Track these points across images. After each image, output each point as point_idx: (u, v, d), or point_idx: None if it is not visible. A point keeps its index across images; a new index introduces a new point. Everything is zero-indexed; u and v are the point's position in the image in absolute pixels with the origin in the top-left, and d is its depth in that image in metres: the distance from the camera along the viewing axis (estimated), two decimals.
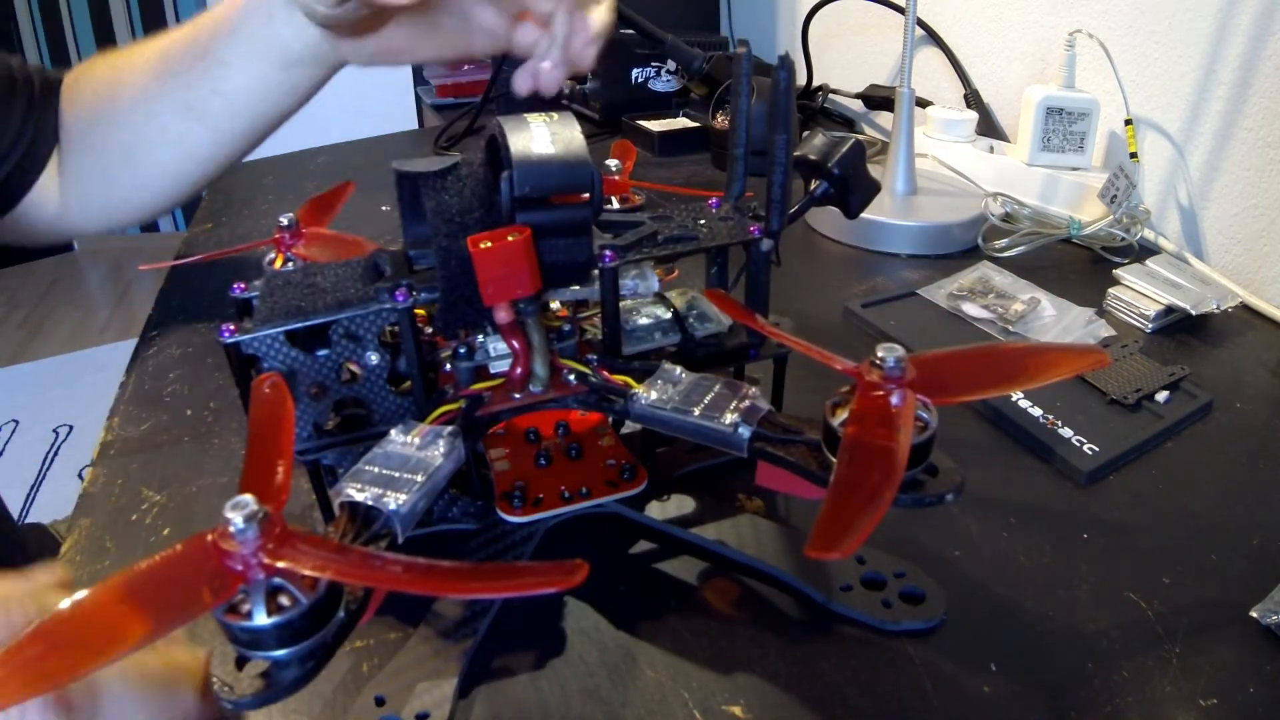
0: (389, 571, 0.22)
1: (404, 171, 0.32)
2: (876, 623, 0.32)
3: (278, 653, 0.22)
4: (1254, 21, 0.58)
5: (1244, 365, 0.51)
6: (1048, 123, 0.69)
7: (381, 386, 0.33)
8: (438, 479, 0.29)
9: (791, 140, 0.35)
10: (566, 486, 0.35)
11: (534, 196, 0.30)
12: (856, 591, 0.33)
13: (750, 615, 0.34)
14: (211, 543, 0.21)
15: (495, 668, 0.31)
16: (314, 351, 0.32)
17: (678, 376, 0.32)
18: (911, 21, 0.64)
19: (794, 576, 0.34)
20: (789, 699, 0.30)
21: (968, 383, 0.27)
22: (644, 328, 0.37)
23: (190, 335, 0.55)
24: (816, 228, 0.70)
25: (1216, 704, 0.30)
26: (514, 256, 0.30)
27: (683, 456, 0.40)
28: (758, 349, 0.38)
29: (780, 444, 0.29)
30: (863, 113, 0.99)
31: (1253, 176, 0.60)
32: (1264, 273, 0.59)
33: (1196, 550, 0.36)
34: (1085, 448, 0.42)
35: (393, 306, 0.31)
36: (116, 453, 0.43)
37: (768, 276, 0.37)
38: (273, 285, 0.33)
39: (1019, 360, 0.28)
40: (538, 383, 0.33)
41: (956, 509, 0.39)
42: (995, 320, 0.53)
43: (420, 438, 0.30)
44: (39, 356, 2.30)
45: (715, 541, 0.35)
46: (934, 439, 0.26)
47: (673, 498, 0.37)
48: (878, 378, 0.26)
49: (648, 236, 0.34)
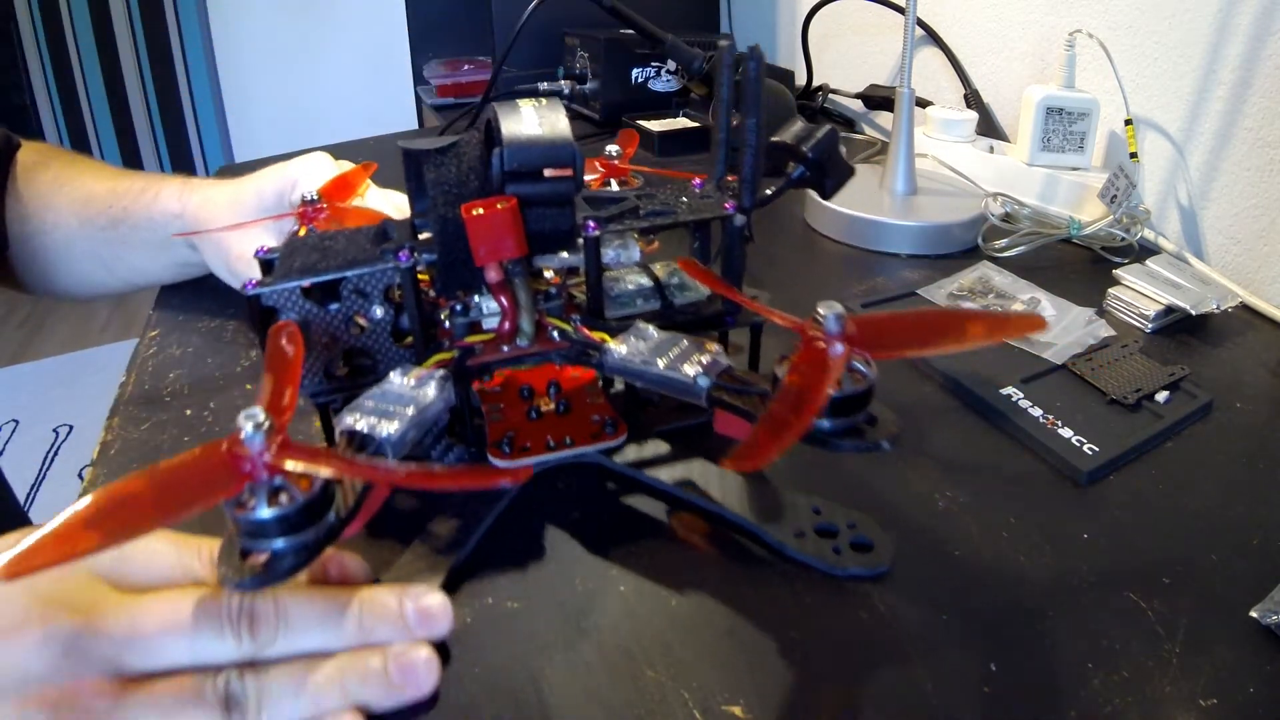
0: (369, 468, 0.28)
1: (409, 150, 0.36)
2: (825, 566, 0.35)
3: (276, 542, 0.26)
4: (1254, 21, 0.58)
5: (1244, 365, 0.51)
6: (1048, 123, 0.69)
7: (386, 338, 0.37)
8: (428, 414, 0.33)
9: (762, 124, 0.37)
10: (553, 437, 0.39)
11: (521, 171, 0.34)
12: (809, 538, 0.36)
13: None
14: (225, 448, 0.25)
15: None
16: (326, 305, 0.36)
17: (649, 334, 0.36)
18: (911, 21, 0.64)
19: (753, 522, 0.37)
20: (789, 699, 0.30)
21: (905, 341, 0.30)
22: (627, 294, 0.40)
23: (190, 335, 0.55)
24: (817, 228, 0.70)
25: (1216, 704, 0.30)
26: (502, 222, 0.33)
27: (664, 415, 0.42)
28: (733, 316, 0.40)
29: (735, 394, 0.32)
30: (863, 113, 0.99)
31: (1253, 176, 0.60)
32: (1264, 273, 0.59)
33: (1196, 550, 0.36)
34: (1085, 448, 0.42)
35: (396, 266, 0.35)
36: (116, 453, 0.43)
37: (742, 250, 0.40)
38: (292, 247, 0.37)
39: (957, 323, 0.30)
40: (524, 337, 0.37)
41: (956, 509, 0.39)
42: None
43: (416, 379, 0.34)
44: (39, 356, 2.30)
45: (686, 490, 0.38)
46: (872, 390, 0.29)
47: (650, 449, 0.40)
48: (819, 333, 0.29)
49: (629, 210, 0.38)
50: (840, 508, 0.37)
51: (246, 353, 0.52)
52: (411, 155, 0.36)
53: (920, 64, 0.91)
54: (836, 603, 0.34)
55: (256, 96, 2.71)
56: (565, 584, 0.35)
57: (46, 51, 2.70)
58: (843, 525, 0.37)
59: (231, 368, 0.51)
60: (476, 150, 0.36)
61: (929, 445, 0.43)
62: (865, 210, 0.66)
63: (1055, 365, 0.49)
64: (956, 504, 0.39)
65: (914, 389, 0.48)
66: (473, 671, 0.31)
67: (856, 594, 0.34)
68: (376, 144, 0.96)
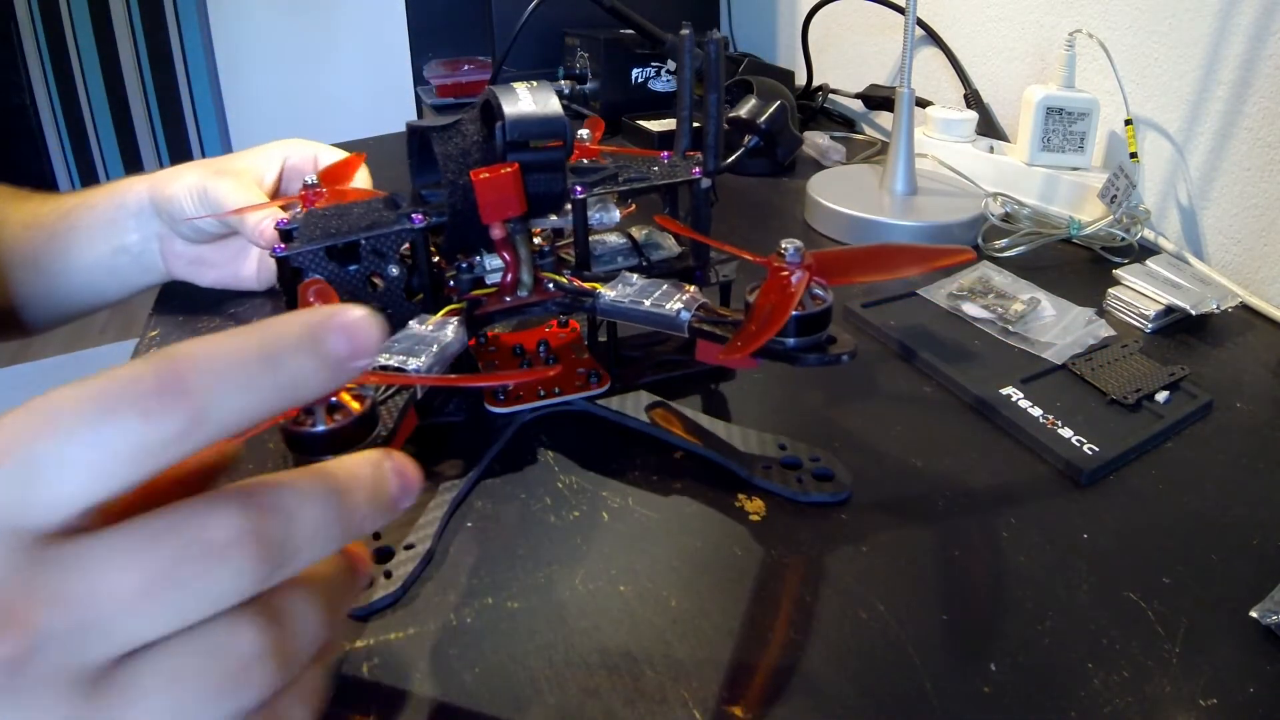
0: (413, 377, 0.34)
1: (416, 127, 0.41)
2: (790, 494, 0.39)
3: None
4: (1254, 21, 0.58)
5: (1244, 365, 0.51)
6: (1048, 123, 0.69)
7: (400, 295, 0.41)
8: (448, 352, 0.37)
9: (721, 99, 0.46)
10: (543, 388, 0.43)
11: (520, 141, 0.38)
12: (775, 469, 0.40)
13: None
14: None
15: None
16: (346, 266, 0.40)
17: (634, 280, 0.41)
18: (911, 21, 0.64)
19: (724, 458, 0.41)
20: (789, 699, 0.30)
21: (854, 269, 0.36)
22: (609, 252, 0.45)
23: (190, 336, 0.55)
24: (817, 227, 0.70)
25: (1216, 704, 0.30)
26: (506, 183, 0.38)
27: (644, 369, 0.47)
28: (703, 271, 0.45)
29: (713, 324, 0.37)
30: (863, 113, 0.99)
31: (1253, 176, 0.60)
32: (1264, 273, 0.59)
33: (1196, 550, 0.37)
34: (1085, 448, 0.42)
35: (410, 228, 0.40)
36: None
37: (708, 211, 0.45)
38: (311, 217, 0.40)
39: (897, 255, 0.37)
40: (524, 288, 0.42)
41: (956, 509, 0.39)
42: (995, 320, 0.53)
43: (434, 325, 0.39)
44: (39, 356, 2.30)
45: (663, 430, 0.43)
46: (830, 310, 0.35)
47: (631, 400, 0.44)
48: (783, 263, 0.34)
49: (610, 176, 0.43)
50: (804, 445, 0.42)
51: None
52: (418, 131, 0.41)
53: (920, 64, 0.91)
54: (837, 603, 0.34)
55: (256, 96, 2.71)
56: (565, 584, 0.35)
57: (46, 51, 2.70)
58: (805, 459, 0.41)
59: None
60: (476, 127, 0.40)
61: (929, 445, 0.43)
62: (865, 210, 0.66)
63: (1055, 365, 0.49)
64: (957, 504, 0.39)
65: (914, 389, 0.48)
66: (473, 671, 0.31)
67: (857, 592, 0.34)
68: (377, 144, 0.96)
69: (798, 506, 0.39)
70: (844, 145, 0.86)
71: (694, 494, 0.39)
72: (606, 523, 0.38)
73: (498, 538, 0.37)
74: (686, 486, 0.40)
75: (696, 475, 0.41)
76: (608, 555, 0.36)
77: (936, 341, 0.51)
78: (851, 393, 0.48)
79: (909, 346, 0.51)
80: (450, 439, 0.42)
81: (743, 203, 0.76)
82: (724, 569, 0.36)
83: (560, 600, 0.34)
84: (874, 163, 0.81)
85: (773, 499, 0.39)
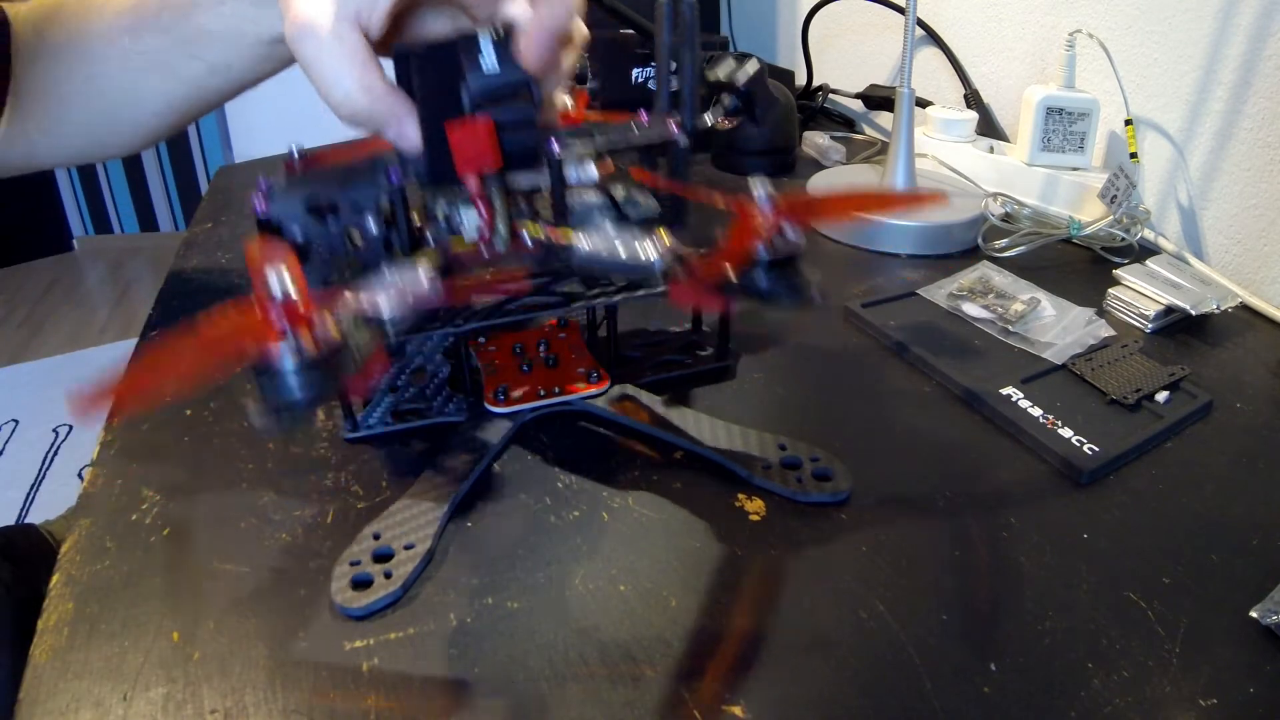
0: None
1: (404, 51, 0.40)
2: (790, 494, 0.39)
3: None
4: (1254, 21, 0.58)
5: (1244, 365, 0.51)
6: (1048, 123, 0.69)
7: (378, 251, 0.41)
8: (419, 294, 0.37)
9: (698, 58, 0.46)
10: (542, 387, 0.44)
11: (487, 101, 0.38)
12: (774, 470, 0.40)
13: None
14: None
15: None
16: (326, 224, 0.40)
17: (608, 230, 0.41)
18: (911, 21, 0.64)
19: (724, 458, 0.41)
20: (789, 699, 0.30)
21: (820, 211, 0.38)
22: (587, 209, 0.45)
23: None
24: (816, 227, 0.70)
25: (1216, 704, 0.30)
26: (478, 136, 0.38)
27: (644, 369, 0.47)
28: (681, 225, 0.45)
29: (686, 269, 0.37)
30: (863, 113, 0.99)
31: (1253, 176, 0.60)
32: (1264, 273, 0.59)
33: (1196, 550, 0.37)
34: (1085, 448, 0.42)
35: (389, 185, 0.40)
36: (116, 453, 0.43)
37: (686, 169, 0.45)
38: (292, 178, 0.41)
39: (858, 200, 0.40)
40: (500, 240, 0.41)
41: (956, 509, 0.39)
42: (995, 320, 0.53)
43: (404, 271, 0.38)
44: (39, 356, 2.30)
45: (663, 430, 0.43)
46: (800, 251, 0.34)
47: (628, 401, 0.45)
48: (752, 205, 0.34)
49: (586, 134, 0.44)
50: (804, 445, 0.41)
51: None
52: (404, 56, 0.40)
53: (920, 64, 0.91)
54: (836, 603, 0.34)
55: (256, 96, 2.68)
56: (565, 584, 0.35)
57: None
58: (805, 459, 0.41)
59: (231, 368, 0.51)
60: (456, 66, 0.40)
61: (929, 445, 0.43)
62: None
63: (1055, 365, 0.49)
64: (957, 504, 0.39)
65: (914, 389, 0.48)
66: (473, 671, 0.31)
67: (857, 592, 0.34)
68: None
69: (798, 506, 0.39)
70: (844, 145, 0.86)
71: (694, 494, 0.39)
72: (606, 523, 0.38)
73: (498, 538, 0.37)
74: (686, 486, 0.40)
75: (696, 475, 0.41)
76: (608, 555, 0.36)
77: (936, 341, 0.52)
78: (851, 393, 0.48)
79: (909, 346, 0.51)
80: (450, 439, 0.42)
81: None
82: (724, 569, 0.36)
83: (560, 600, 0.34)
84: (874, 163, 0.81)
85: (773, 499, 0.39)
